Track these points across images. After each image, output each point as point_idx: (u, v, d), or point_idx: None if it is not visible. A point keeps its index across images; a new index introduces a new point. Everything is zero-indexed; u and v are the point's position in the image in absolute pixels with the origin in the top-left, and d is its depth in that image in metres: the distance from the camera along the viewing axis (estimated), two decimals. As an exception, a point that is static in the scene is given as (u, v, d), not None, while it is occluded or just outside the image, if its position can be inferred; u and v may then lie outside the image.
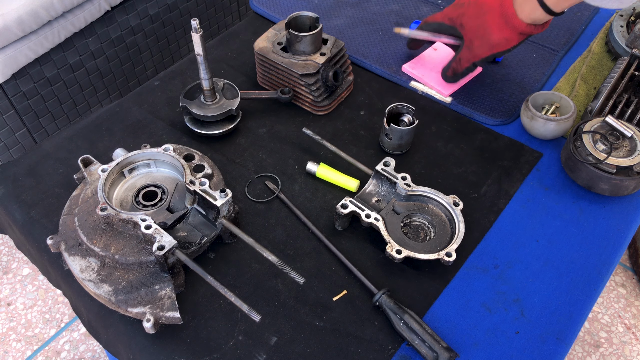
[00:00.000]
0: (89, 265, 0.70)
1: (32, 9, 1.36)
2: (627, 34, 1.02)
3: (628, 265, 1.71)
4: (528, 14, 0.81)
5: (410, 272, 0.74)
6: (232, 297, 0.62)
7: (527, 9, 0.81)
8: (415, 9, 1.14)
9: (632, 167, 0.79)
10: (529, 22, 0.82)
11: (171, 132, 0.91)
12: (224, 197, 0.70)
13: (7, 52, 1.38)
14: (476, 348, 0.68)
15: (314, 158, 0.87)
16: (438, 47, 1.02)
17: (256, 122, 0.93)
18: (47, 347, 1.59)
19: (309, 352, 0.67)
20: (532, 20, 0.82)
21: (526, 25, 0.83)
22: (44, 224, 0.79)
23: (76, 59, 1.58)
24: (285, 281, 0.73)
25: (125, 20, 1.65)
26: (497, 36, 0.85)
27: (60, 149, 0.89)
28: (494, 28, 0.85)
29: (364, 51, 1.05)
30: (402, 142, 0.86)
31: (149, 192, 0.77)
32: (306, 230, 0.79)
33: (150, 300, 0.66)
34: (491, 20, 0.85)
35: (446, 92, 0.96)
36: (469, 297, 0.72)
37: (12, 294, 1.69)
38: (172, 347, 0.67)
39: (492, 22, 0.85)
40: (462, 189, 0.84)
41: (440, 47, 1.02)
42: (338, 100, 0.96)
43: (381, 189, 0.80)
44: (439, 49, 1.01)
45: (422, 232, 0.77)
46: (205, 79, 0.84)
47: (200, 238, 0.73)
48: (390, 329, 0.69)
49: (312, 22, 0.92)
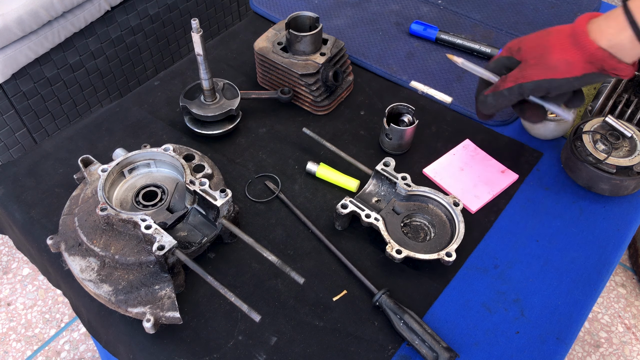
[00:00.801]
0: (89, 265, 0.70)
1: (32, 9, 1.36)
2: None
3: (628, 265, 1.71)
4: (609, 35, 0.62)
5: (410, 272, 0.74)
6: (232, 297, 0.62)
7: (609, 29, 0.62)
8: (415, 9, 1.14)
9: (632, 167, 0.79)
10: (605, 46, 0.63)
11: (171, 132, 0.91)
12: (224, 197, 0.70)
13: (7, 52, 1.38)
14: (476, 348, 0.68)
15: (314, 158, 0.87)
16: (457, 151, 0.88)
17: (256, 122, 0.93)
18: (47, 347, 1.59)
19: (309, 352, 0.67)
20: (610, 45, 0.62)
21: (598, 48, 0.63)
22: (44, 224, 0.79)
23: (76, 59, 1.58)
24: (285, 281, 0.73)
25: (125, 20, 1.65)
26: (557, 56, 0.66)
27: (60, 149, 0.89)
28: (555, 46, 0.67)
29: (364, 51, 1.05)
30: (402, 142, 0.86)
31: (149, 192, 0.77)
32: (306, 230, 0.79)
33: (150, 300, 0.66)
34: (555, 39, 0.67)
35: (474, 207, 0.81)
36: (469, 297, 0.72)
37: (12, 294, 1.69)
38: (172, 347, 0.67)
39: (555, 40, 0.67)
40: (462, 189, 0.84)
41: (459, 151, 0.88)
42: (338, 100, 0.96)
43: (381, 189, 0.80)
44: (457, 153, 0.88)
45: (422, 232, 0.77)
46: (205, 79, 0.84)
47: (200, 238, 0.73)
48: (390, 329, 0.69)
49: (312, 22, 0.92)
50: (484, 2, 1.16)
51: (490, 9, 1.14)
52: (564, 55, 0.66)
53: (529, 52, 0.70)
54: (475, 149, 0.89)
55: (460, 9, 1.14)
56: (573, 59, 0.65)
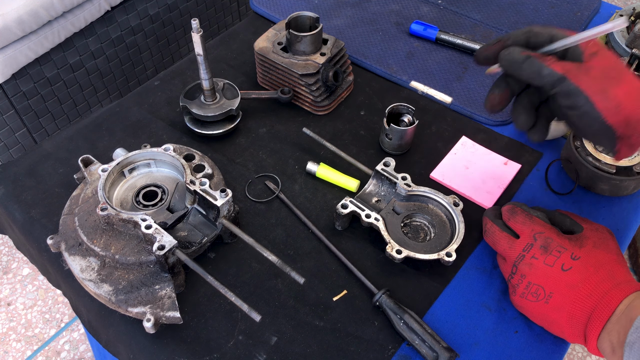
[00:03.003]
0: (89, 265, 0.70)
1: (32, 9, 1.36)
2: (627, 34, 1.02)
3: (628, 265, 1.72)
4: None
5: (410, 272, 0.74)
6: (232, 297, 0.62)
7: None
8: (415, 9, 1.14)
9: (632, 167, 0.79)
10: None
11: (171, 132, 0.91)
12: (224, 197, 0.70)
13: (7, 52, 1.38)
14: (476, 348, 0.68)
15: (314, 158, 0.88)
16: (457, 150, 0.88)
17: (256, 122, 0.93)
18: (47, 347, 1.59)
19: (309, 352, 0.67)
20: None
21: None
22: (44, 224, 0.79)
23: (76, 59, 1.59)
24: (286, 281, 0.73)
25: (125, 20, 1.65)
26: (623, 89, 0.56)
27: (60, 149, 0.89)
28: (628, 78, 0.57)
29: (364, 51, 1.05)
30: (402, 142, 0.86)
31: (149, 192, 0.77)
32: (306, 230, 0.79)
33: (150, 300, 0.66)
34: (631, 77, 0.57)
35: (488, 203, 0.81)
36: (469, 297, 0.72)
37: (12, 294, 1.69)
38: (172, 346, 0.67)
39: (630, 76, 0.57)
40: (462, 189, 0.84)
41: (459, 149, 0.88)
42: (338, 100, 0.96)
43: (381, 189, 0.80)
44: (458, 152, 0.88)
45: (422, 232, 0.77)
46: (205, 79, 0.84)
47: (201, 238, 0.73)
48: (390, 329, 0.69)
49: (312, 22, 0.92)
50: (484, 2, 1.16)
51: (490, 9, 1.14)
52: (625, 97, 0.55)
53: (602, 63, 0.57)
54: (473, 145, 0.89)
55: (460, 9, 1.14)
56: (625, 107, 0.55)
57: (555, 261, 0.64)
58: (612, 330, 0.58)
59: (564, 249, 0.65)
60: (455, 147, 0.89)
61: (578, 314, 0.61)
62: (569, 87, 0.56)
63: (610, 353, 0.58)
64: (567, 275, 0.63)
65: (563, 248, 0.65)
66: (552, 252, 0.65)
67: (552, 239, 0.66)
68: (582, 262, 0.63)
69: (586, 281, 0.61)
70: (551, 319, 0.64)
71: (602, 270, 0.62)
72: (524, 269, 0.66)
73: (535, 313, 0.66)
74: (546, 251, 0.65)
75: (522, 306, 0.67)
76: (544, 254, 0.65)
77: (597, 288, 0.61)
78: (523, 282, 0.66)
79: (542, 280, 0.64)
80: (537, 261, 0.65)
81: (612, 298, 0.59)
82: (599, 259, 0.63)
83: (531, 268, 0.65)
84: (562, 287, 0.62)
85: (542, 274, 0.64)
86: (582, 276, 0.62)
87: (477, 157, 0.87)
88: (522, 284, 0.66)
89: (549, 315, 0.64)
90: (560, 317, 0.63)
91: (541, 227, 0.68)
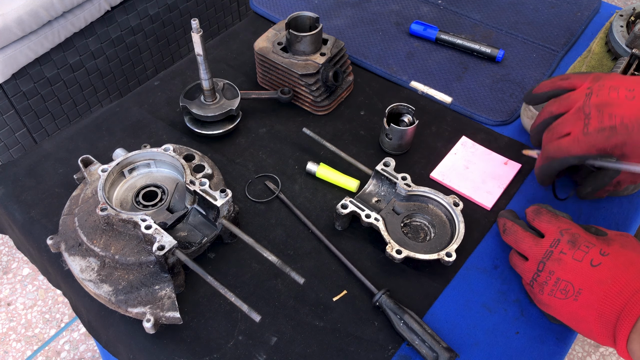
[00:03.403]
0: (89, 265, 0.70)
1: (32, 9, 1.36)
2: (627, 34, 1.02)
3: (628, 265, 1.71)
4: None
5: (410, 272, 0.74)
6: (232, 297, 0.62)
7: None
8: (415, 9, 1.14)
9: (632, 167, 0.79)
10: None
11: (171, 132, 0.91)
12: (224, 197, 0.70)
13: (7, 52, 1.38)
14: (476, 348, 0.68)
15: (314, 158, 0.88)
16: (457, 150, 0.88)
17: (256, 122, 0.93)
18: (47, 347, 1.59)
19: (309, 352, 0.67)
20: None
21: None
22: (44, 224, 0.79)
23: (76, 59, 1.59)
24: (285, 281, 0.73)
25: (125, 20, 1.65)
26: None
27: (60, 149, 0.89)
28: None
29: (364, 51, 1.05)
30: (402, 142, 0.86)
31: (149, 192, 0.77)
32: (306, 230, 0.79)
33: (150, 301, 0.66)
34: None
35: (489, 203, 0.81)
36: (469, 297, 0.72)
37: (12, 294, 1.69)
38: (172, 347, 0.67)
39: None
40: (462, 189, 0.84)
41: (459, 149, 0.88)
42: (338, 100, 0.96)
43: (381, 189, 0.80)
44: (458, 152, 0.88)
45: (422, 232, 0.77)
46: (205, 79, 0.84)
47: (200, 238, 0.73)
48: (390, 329, 0.69)
49: (312, 22, 0.92)
50: (484, 2, 1.16)
51: (490, 9, 1.14)
52: None
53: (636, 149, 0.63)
54: (473, 144, 0.89)
55: (460, 9, 1.14)
56: None
57: (583, 256, 0.63)
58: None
59: (592, 244, 0.63)
60: (455, 147, 0.89)
61: (607, 313, 0.59)
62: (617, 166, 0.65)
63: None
64: (596, 271, 0.61)
65: (591, 244, 0.63)
66: (580, 247, 0.63)
67: (580, 234, 0.65)
68: (611, 259, 0.62)
69: (616, 278, 0.60)
70: (580, 317, 0.62)
71: (633, 269, 0.60)
72: (552, 265, 0.64)
73: (563, 312, 0.63)
74: (574, 246, 0.64)
75: (550, 305, 0.65)
76: (572, 249, 0.64)
77: (628, 286, 0.59)
78: (552, 278, 0.64)
79: (571, 276, 0.62)
80: (565, 256, 0.64)
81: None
82: (628, 258, 0.62)
83: (560, 263, 0.64)
84: (591, 283, 0.61)
85: (571, 270, 0.63)
86: (612, 273, 0.60)
87: (477, 157, 0.87)
88: (550, 281, 0.64)
89: (578, 314, 0.62)
90: (589, 315, 0.60)
91: (567, 224, 0.67)
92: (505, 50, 1.05)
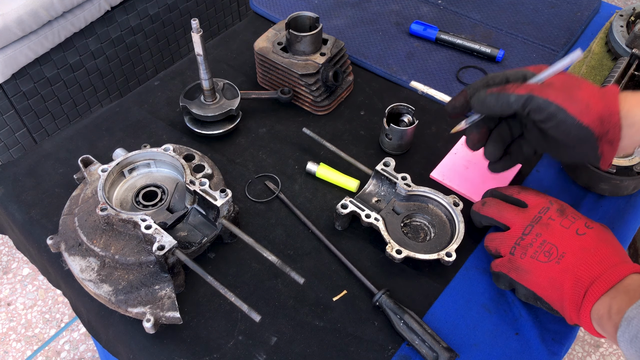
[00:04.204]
0: (89, 265, 0.70)
1: (32, 9, 1.36)
2: (627, 34, 1.02)
3: (628, 265, 1.71)
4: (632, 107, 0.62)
5: (410, 272, 0.74)
6: (232, 297, 0.62)
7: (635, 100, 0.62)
8: (415, 9, 1.14)
9: (632, 167, 0.79)
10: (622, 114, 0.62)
11: (171, 132, 0.91)
12: (224, 197, 0.70)
13: (7, 52, 1.38)
14: (476, 348, 0.68)
15: (314, 158, 0.88)
16: (457, 150, 0.88)
17: (256, 122, 0.93)
18: (47, 347, 1.59)
19: (309, 352, 0.67)
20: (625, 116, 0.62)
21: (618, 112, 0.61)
22: (43, 224, 0.79)
23: (76, 59, 1.59)
24: (285, 281, 0.73)
25: (125, 20, 1.65)
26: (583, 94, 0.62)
27: (60, 149, 0.89)
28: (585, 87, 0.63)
29: (364, 51, 1.05)
30: (402, 142, 0.86)
31: (149, 192, 0.77)
32: (306, 230, 0.79)
33: (150, 300, 0.66)
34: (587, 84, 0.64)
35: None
36: (468, 298, 0.72)
37: (12, 294, 1.69)
38: (172, 347, 0.67)
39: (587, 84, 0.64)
40: (462, 189, 0.84)
41: (459, 149, 0.88)
42: (338, 100, 0.96)
43: (381, 189, 0.80)
44: (458, 152, 0.88)
45: (422, 232, 0.77)
46: (205, 79, 0.84)
47: (200, 238, 0.73)
48: (390, 329, 0.69)
49: (312, 22, 0.92)
50: (484, 2, 1.16)
51: (490, 9, 1.14)
52: (589, 98, 0.61)
53: (558, 78, 0.64)
54: None
55: (460, 9, 1.14)
56: (593, 106, 0.61)
57: (570, 225, 0.66)
58: (616, 297, 0.58)
59: (578, 217, 0.67)
60: (455, 147, 0.89)
61: (584, 278, 0.61)
62: (539, 101, 0.62)
63: (605, 315, 0.58)
64: (581, 239, 0.64)
65: (577, 216, 0.67)
66: (567, 217, 0.67)
67: (567, 206, 0.69)
68: (595, 232, 0.65)
69: (598, 249, 0.63)
70: (556, 283, 0.63)
71: (613, 246, 0.64)
72: (540, 228, 0.67)
73: (542, 276, 0.64)
74: (562, 214, 0.67)
75: (529, 270, 0.65)
76: (560, 217, 0.67)
77: (608, 258, 0.62)
78: (537, 240, 0.66)
79: (557, 240, 0.65)
80: (553, 222, 0.67)
81: (621, 270, 0.60)
82: (610, 237, 0.65)
83: (548, 228, 0.66)
84: (575, 249, 0.63)
85: (558, 234, 0.65)
86: (595, 243, 0.63)
87: (478, 157, 0.87)
88: (536, 242, 0.66)
89: (556, 278, 0.63)
90: (566, 280, 0.62)
91: (554, 198, 0.70)
92: (505, 50, 1.05)
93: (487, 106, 0.66)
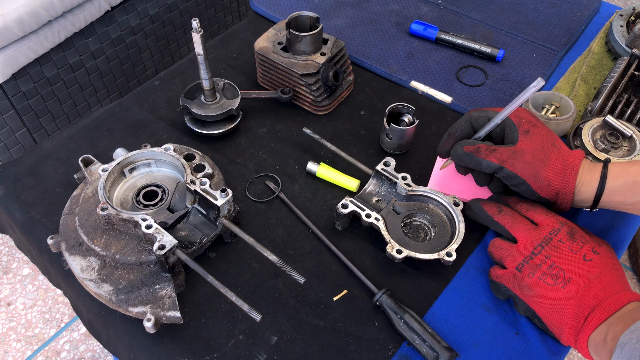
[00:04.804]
0: (89, 264, 0.70)
1: (32, 9, 1.36)
2: (627, 34, 1.02)
3: (628, 265, 1.71)
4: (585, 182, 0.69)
5: (411, 272, 0.74)
6: (232, 296, 0.62)
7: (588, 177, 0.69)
8: (415, 9, 1.14)
9: (632, 167, 0.79)
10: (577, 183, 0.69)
11: (171, 132, 0.91)
12: (224, 197, 0.70)
13: (7, 52, 1.38)
14: (476, 348, 0.68)
15: (314, 158, 0.88)
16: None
17: (256, 122, 0.93)
18: (47, 347, 1.59)
19: (310, 352, 0.67)
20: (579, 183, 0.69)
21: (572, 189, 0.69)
22: (44, 224, 0.79)
23: (76, 59, 1.58)
24: (286, 281, 0.73)
25: (125, 20, 1.65)
26: (547, 173, 0.69)
27: (60, 148, 0.89)
28: (552, 163, 0.70)
29: (364, 51, 1.05)
30: (402, 142, 0.86)
31: (150, 192, 0.77)
32: (306, 230, 0.79)
33: (150, 300, 0.66)
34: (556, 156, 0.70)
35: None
36: (469, 297, 0.72)
37: (12, 294, 1.69)
38: (172, 346, 0.67)
39: (555, 157, 0.70)
40: (462, 189, 0.84)
41: None
42: (338, 100, 0.96)
43: (381, 189, 0.80)
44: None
45: (422, 232, 0.77)
46: (205, 78, 0.84)
47: (201, 238, 0.73)
48: (390, 328, 0.69)
49: (312, 22, 0.92)
50: (484, 2, 1.16)
51: (490, 9, 1.14)
52: (552, 177, 0.69)
53: (533, 146, 0.70)
54: None
55: (460, 9, 1.14)
56: (554, 184, 0.69)
57: (579, 249, 0.67)
58: (612, 325, 0.60)
59: (586, 241, 0.68)
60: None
61: (586, 304, 0.63)
62: (508, 173, 0.70)
63: (600, 342, 0.60)
64: (588, 265, 0.66)
65: (586, 240, 0.68)
66: (576, 241, 0.68)
67: (576, 229, 0.70)
68: (601, 258, 0.66)
69: (603, 275, 0.64)
70: (560, 307, 0.64)
71: (616, 272, 0.66)
72: (550, 250, 0.67)
73: (547, 299, 0.65)
74: (572, 238, 0.68)
75: (535, 290, 0.66)
76: (570, 240, 0.68)
77: (611, 285, 0.63)
78: (547, 262, 0.67)
79: (565, 265, 0.66)
80: (563, 245, 0.68)
81: (622, 297, 0.62)
82: (613, 262, 0.67)
83: (557, 251, 0.67)
84: (581, 275, 0.65)
85: (567, 258, 0.66)
86: (601, 270, 0.65)
87: None
88: (545, 264, 0.67)
89: (560, 302, 0.64)
90: (569, 305, 0.63)
91: (564, 219, 0.71)
92: (505, 50, 1.05)
93: (464, 162, 0.74)
